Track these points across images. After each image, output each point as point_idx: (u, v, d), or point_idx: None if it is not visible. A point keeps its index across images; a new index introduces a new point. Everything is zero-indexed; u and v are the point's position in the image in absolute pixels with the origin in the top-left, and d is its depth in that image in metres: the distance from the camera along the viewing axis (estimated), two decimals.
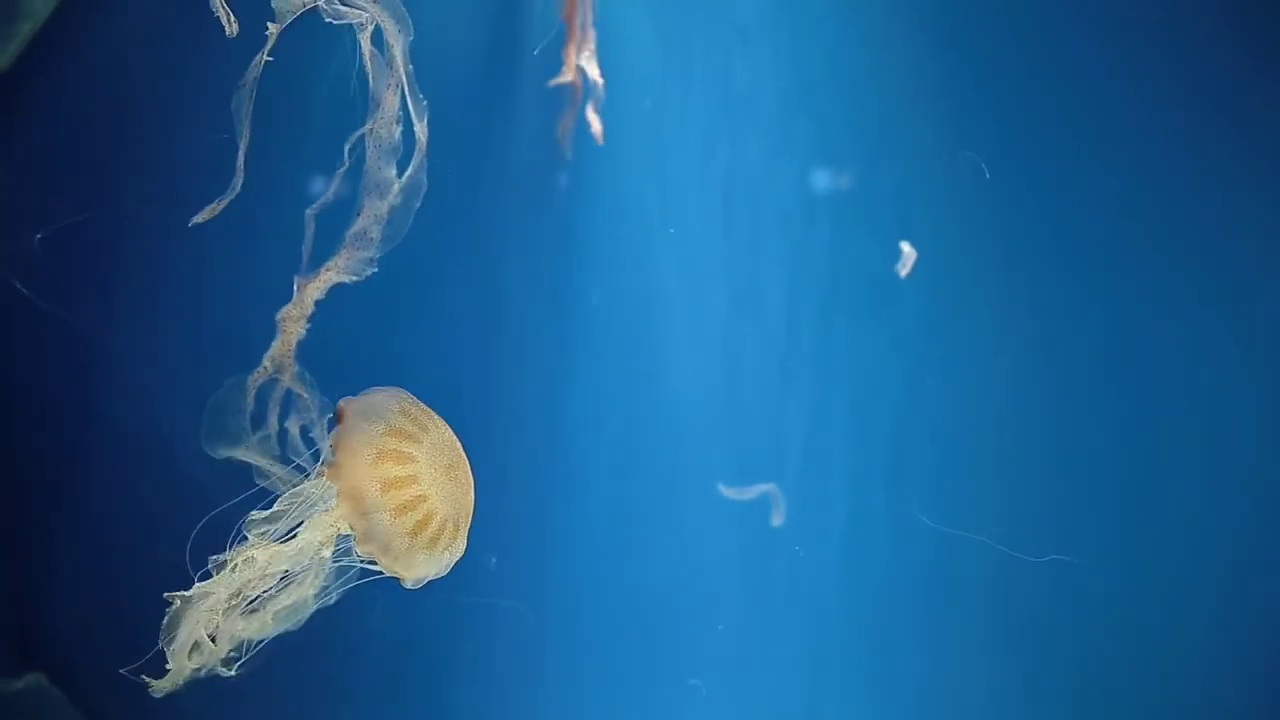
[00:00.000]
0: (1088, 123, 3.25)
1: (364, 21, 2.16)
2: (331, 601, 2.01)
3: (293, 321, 2.28)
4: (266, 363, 2.25)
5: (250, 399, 2.20)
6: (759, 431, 3.53)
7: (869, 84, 3.40)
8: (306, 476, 1.95)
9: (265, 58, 2.09)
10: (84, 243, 2.98)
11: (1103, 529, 3.28)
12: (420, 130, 2.25)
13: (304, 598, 1.98)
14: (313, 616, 2.04)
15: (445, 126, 3.41)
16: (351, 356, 2.08)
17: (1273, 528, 3.15)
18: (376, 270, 2.40)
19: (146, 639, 3.45)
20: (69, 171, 3.11)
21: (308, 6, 2.07)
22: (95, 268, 3.07)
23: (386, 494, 1.83)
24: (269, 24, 2.08)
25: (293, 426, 2.17)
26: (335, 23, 2.15)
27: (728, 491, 3.45)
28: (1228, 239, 3.16)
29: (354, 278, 2.33)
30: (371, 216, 2.24)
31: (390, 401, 1.90)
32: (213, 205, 2.18)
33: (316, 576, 1.96)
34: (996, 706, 3.40)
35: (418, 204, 2.33)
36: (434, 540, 1.89)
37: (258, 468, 2.12)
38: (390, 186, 2.26)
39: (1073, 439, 3.30)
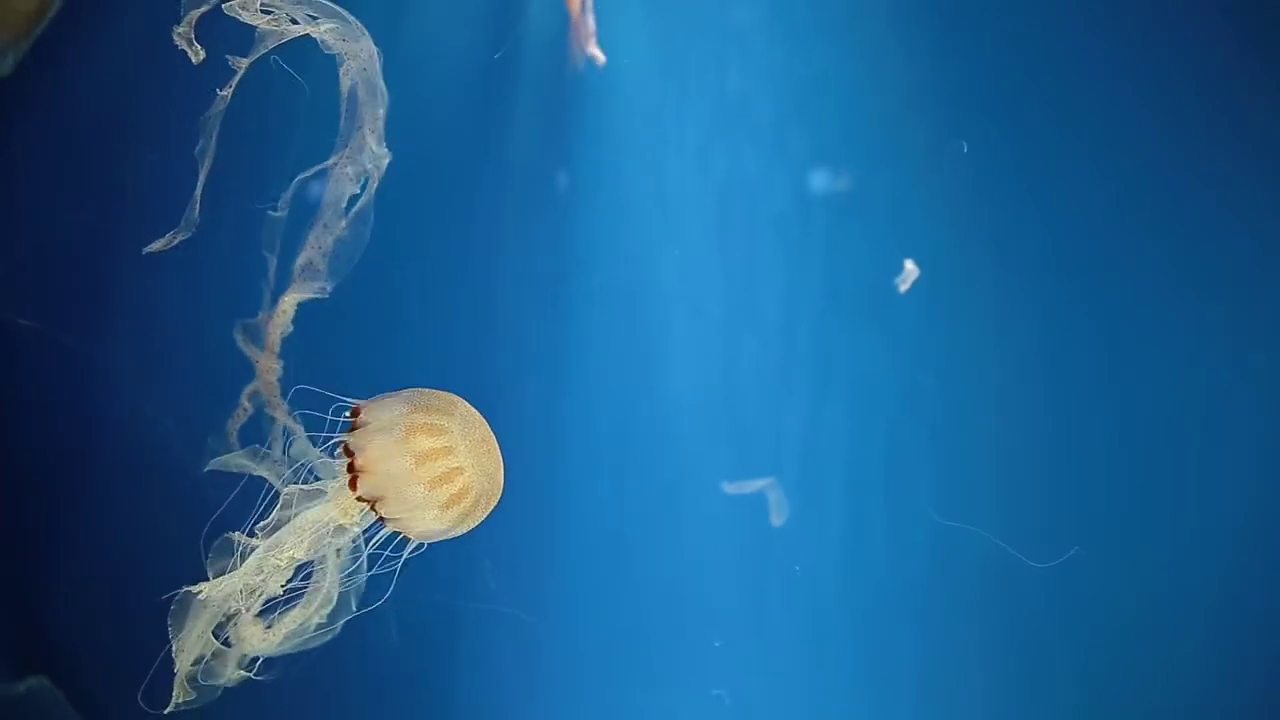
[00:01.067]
0: (1083, 126, 3.25)
1: (346, 61, 2.17)
2: (347, 612, 2.01)
3: (265, 360, 2.29)
4: (245, 402, 2.25)
5: (233, 439, 2.20)
6: (756, 433, 3.53)
7: (864, 90, 3.40)
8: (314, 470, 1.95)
9: (227, 92, 2.11)
10: (80, 246, 2.99)
11: (1101, 529, 3.28)
12: (375, 173, 2.26)
13: (319, 601, 1.98)
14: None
15: (445, 127, 3.44)
16: (350, 358, 2.09)
17: (1272, 527, 3.16)
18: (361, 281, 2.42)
19: (149, 643, 3.46)
20: (69, 179, 3.12)
21: (283, 40, 2.09)
22: (94, 272, 3.08)
23: (421, 467, 1.82)
24: (231, 57, 2.09)
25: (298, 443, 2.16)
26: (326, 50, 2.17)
27: (730, 487, 3.46)
28: (1226, 241, 3.17)
29: (317, 295, 2.34)
30: (317, 249, 2.25)
31: (407, 393, 1.89)
32: (168, 236, 2.20)
33: (331, 572, 1.95)
34: (996, 706, 3.40)
35: (366, 237, 2.35)
36: (466, 515, 1.88)
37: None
38: (339, 222, 2.28)
39: (1070, 439, 3.31)
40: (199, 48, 2.06)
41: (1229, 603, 3.20)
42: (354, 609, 2.07)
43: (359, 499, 1.83)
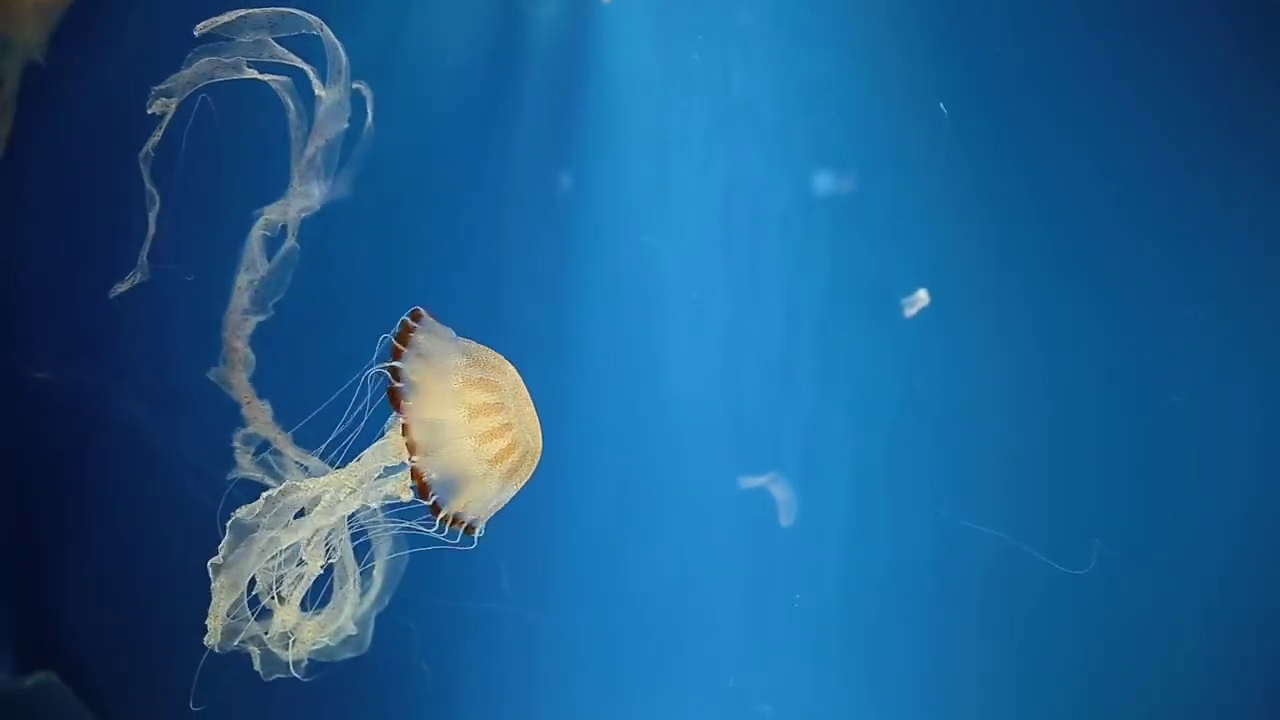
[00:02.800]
0: (1084, 128, 3.25)
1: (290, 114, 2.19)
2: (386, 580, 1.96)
3: (251, 407, 2.30)
4: (239, 444, 2.25)
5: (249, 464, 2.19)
6: (758, 432, 3.53)
7: (866, 92, 3.40)
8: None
9: (157, 135, 2.13)
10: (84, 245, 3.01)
11: (1101, 529, 3.28)
12: (296, 213, 2.28)
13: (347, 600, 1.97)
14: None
15: (449, 128, 3.46)
16: (353, 358, 2.11)
17: (1272, 526, 3.16)
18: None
19: (155, 638, 3.49)
20: (73, 185, 3.14)
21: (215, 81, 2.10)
22: (100, 272, 3.10)
23: (473, 420, 1.79)
24: (161, 98, 2.12)
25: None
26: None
27: (748, 482, 3.46)
28: (1227, 243, 3.17)
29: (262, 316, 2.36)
30: (246, 285, 2.28)
31: (458, 342, 1.86)
32: (129, 277, 2.24)
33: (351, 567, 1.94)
34: (996, 706, 3.41)
35: (290, 274, 2.37)
36: (511, 472, 1.86)
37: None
38: (265, 265, 2.30)
39: (1071, 440, 3.30)
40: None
41: (1230, 602, 3.19)
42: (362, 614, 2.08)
43: (407, 450, 1.79)
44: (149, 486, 3.19)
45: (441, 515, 1.82)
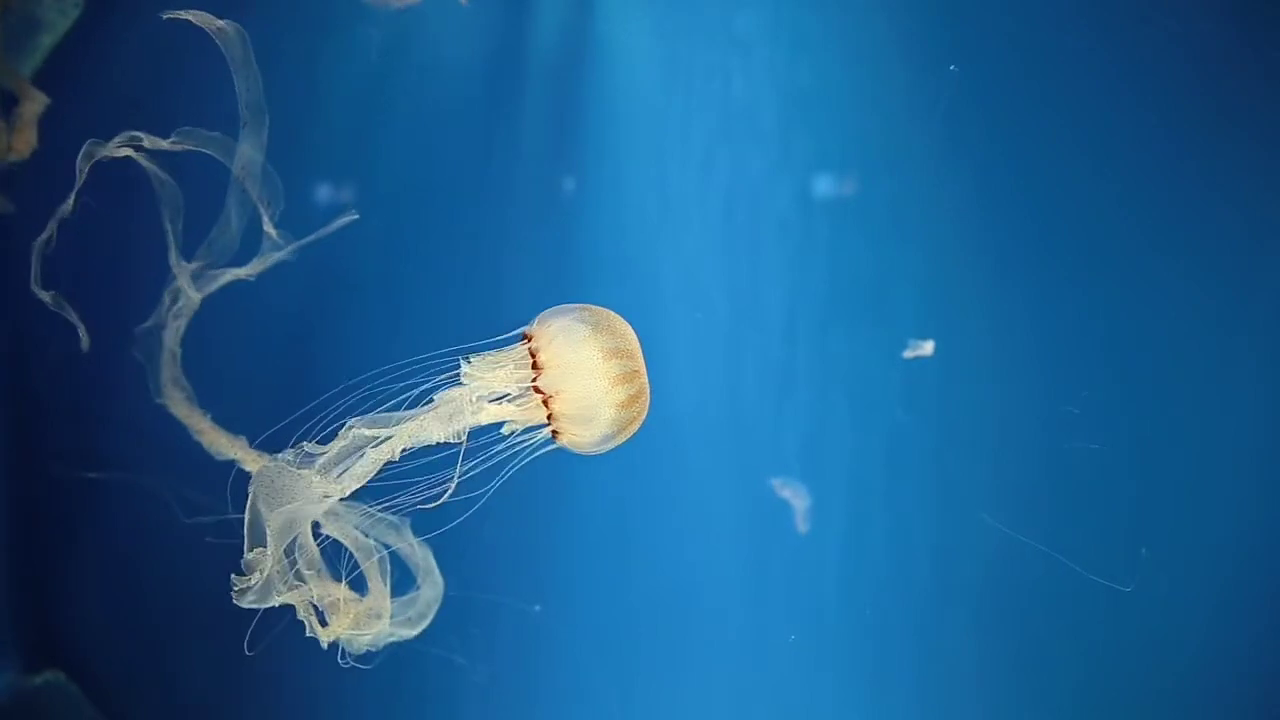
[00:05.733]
0: (1084, 131, 3.25)
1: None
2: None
3: (243, 455, 2.32)
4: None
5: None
6: (758, 435, 3.54)
7: (866, 96, 3.41)
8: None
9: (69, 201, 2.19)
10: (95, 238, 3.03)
11: (1101, 530, 3.28)
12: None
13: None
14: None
15: (453, 133, 3.48)
16: (356, 360, 2.13)
17: (1272, 526, 3.17)
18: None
19: (162, 638, 3.52)
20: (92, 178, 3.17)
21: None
22: (107, 271, 3.12)
23: (609, 361, 1.84)
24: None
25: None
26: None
27: (779, 485, 3.46)
28: (1228, 245, 3.17)
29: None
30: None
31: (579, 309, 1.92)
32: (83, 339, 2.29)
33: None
34: (996, 705, 3.41)
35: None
36: (631, 421, 1.92)
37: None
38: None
39: (1071, 442, 3.30)
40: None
41: (1230, 603, 3.19)
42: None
43: (536, 388, 1.84)
44: (160, 488, 3.20)
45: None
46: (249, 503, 1.87)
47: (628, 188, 3.52)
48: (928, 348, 3.31)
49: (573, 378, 1.86)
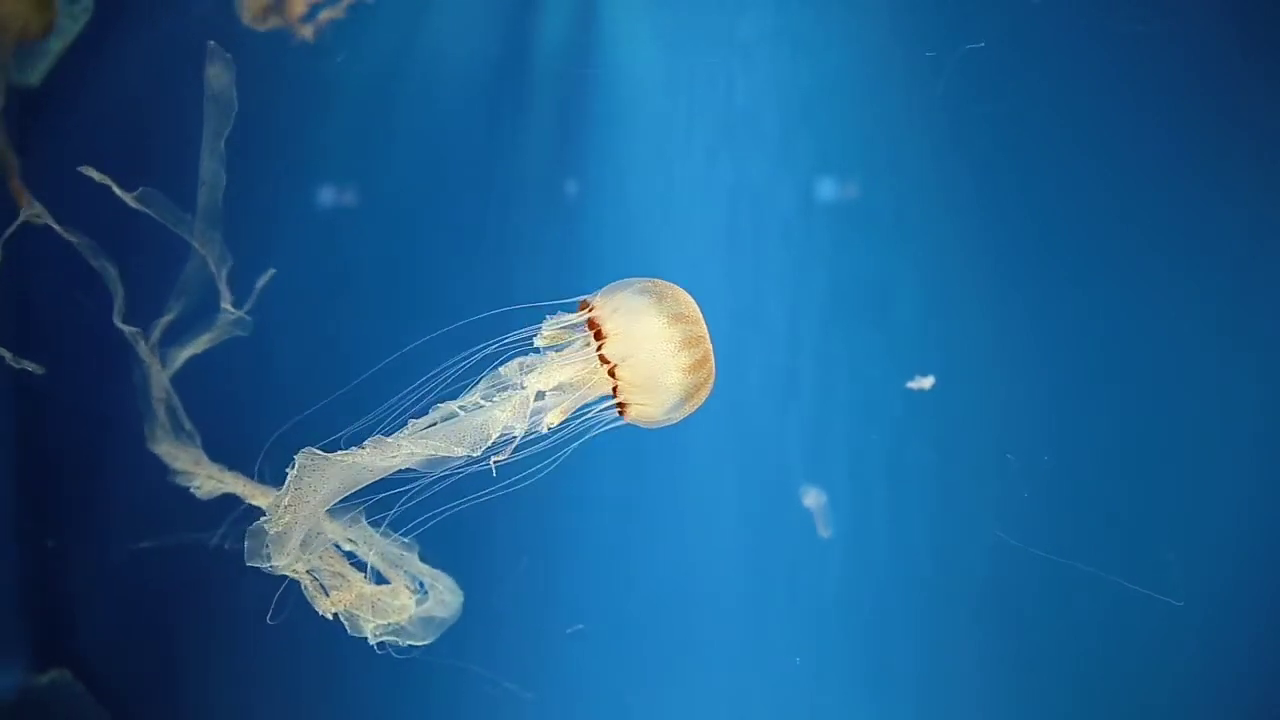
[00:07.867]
0: (1086, 133, 3.26)
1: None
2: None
3: (245, 491, 2.32)
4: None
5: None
6: (761, 438, 3.55)
7: (868, 99, 3.42)
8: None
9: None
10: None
11: (1102, 531, 3.29)
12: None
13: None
14: (327, 624, 2.04)
15: (456, 136, 3.49)
16: (360, 364, 2.14)
17: (1272, 527, 3.17)
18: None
19: (168, 637, 3.53)
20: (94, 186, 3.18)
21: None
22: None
23: (673, 326, 1.86)
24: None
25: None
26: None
27: (808, 494, 3.47)
28: (1227, 245, 3.17)
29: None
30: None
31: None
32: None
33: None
34: (996, 705, 3.42)
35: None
36: (698, 388, 1.92)
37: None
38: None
39: (1072, 444, 3.30)
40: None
41: (1230, 603, 3.19)
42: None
43: (602, 358, 1.87)
44: (164, 486, 3.22)
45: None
46: (293, 474, 1.84)
47: (631, 191, 3.53)
48: (927, 383, 3.33)
49: (639, 343, 1.87)
